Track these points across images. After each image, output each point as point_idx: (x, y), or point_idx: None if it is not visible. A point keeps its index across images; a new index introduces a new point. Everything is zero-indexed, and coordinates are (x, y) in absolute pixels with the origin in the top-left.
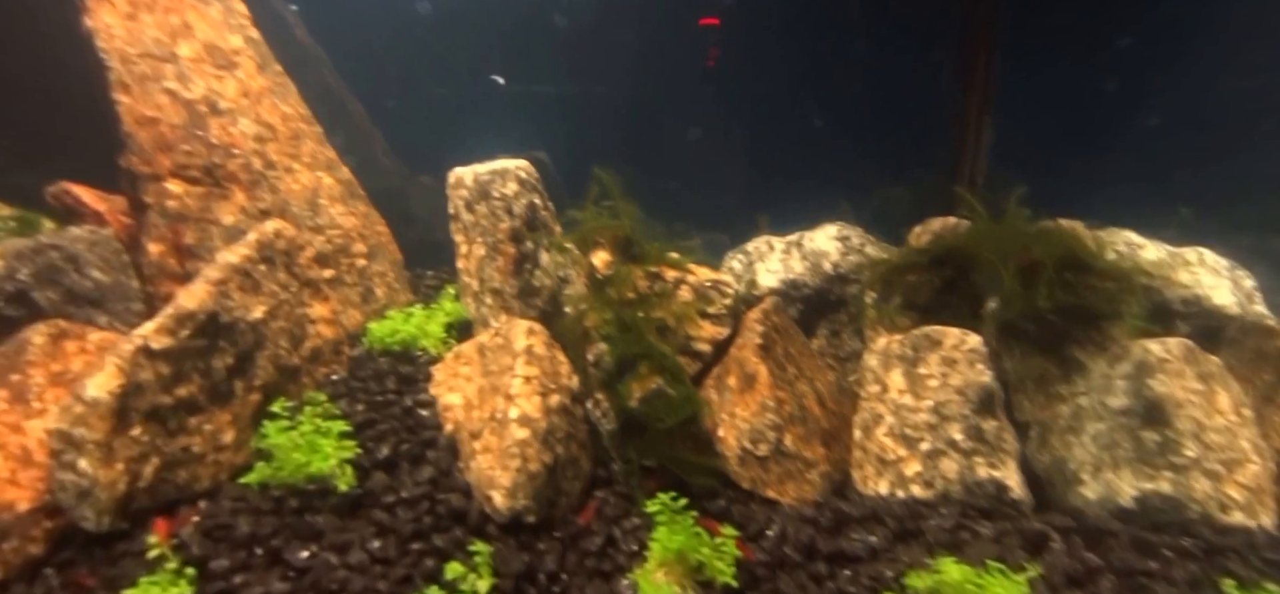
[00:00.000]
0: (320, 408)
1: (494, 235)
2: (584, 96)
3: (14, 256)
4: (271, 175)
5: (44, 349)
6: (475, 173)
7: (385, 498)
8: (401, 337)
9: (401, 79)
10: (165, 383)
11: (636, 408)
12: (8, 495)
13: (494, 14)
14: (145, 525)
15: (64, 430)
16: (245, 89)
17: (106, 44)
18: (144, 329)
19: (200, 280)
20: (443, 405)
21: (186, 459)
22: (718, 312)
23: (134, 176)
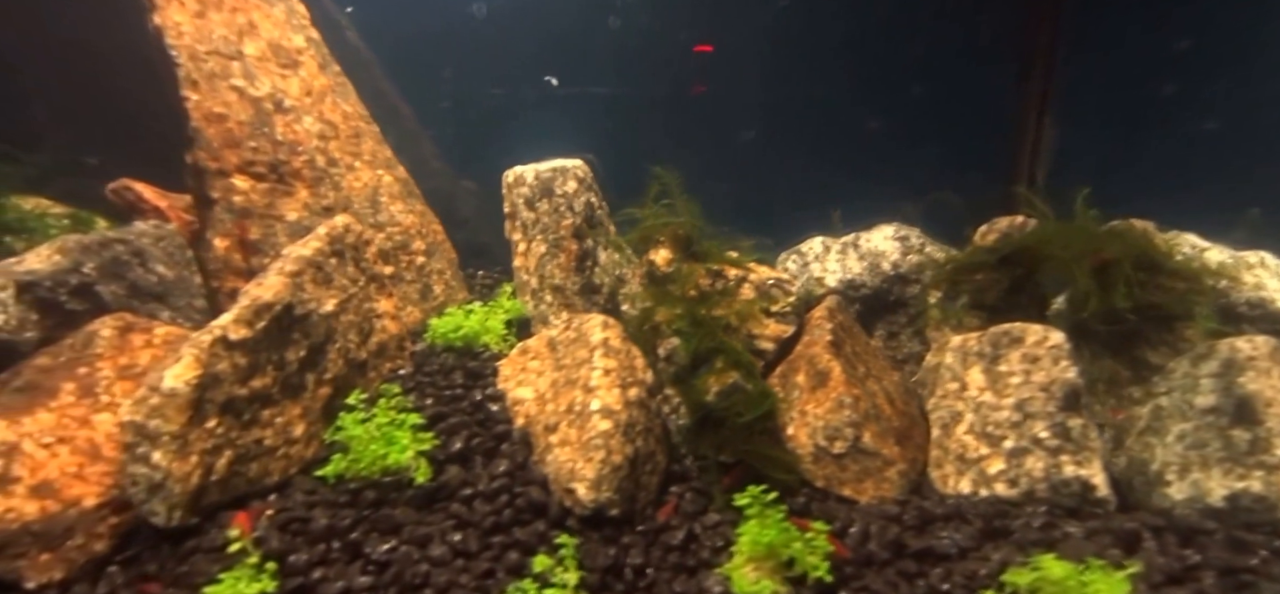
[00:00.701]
0: (394, 400)
1: (555, 232)
2: (633, 98)
3: (80, 250)
4: (334, 172)
5: (111, 342)
6: (537, 170)
7: (462, 491)
8: (464, 333)
9: (455, 81)
10: (241, 374)
11: (712, 403)
12: (74, 490)
13: (546, 15)
14: (215, 521)
15: (138, 422)
16: (308, 87)
17: (176, 41)
18: (222, 319)
19: (275, 272)
20: (512, 399)
21: (258, 452)
22: (781, 309)
23: (201, 172)
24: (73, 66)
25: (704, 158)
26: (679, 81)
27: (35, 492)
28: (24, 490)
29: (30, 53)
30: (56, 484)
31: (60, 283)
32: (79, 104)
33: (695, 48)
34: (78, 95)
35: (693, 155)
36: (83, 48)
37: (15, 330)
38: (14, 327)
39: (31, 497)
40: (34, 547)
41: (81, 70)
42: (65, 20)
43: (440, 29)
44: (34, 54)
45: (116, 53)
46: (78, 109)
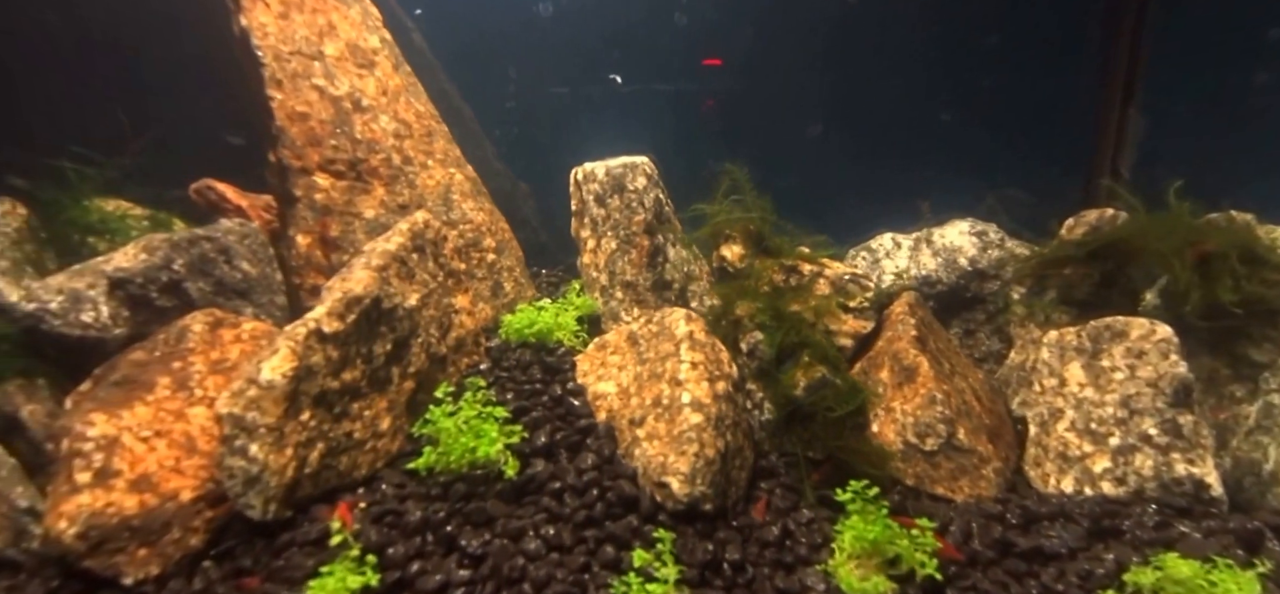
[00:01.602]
0: (480, 394)
1: (627, 228)
2: (696, 94)
3: (170, 247)
4: (409, 171)
5: (203, 337)
6: (607, 166)
7: (551, 485)
8: (538, 328)
9: (519, 80)
10: (333, 367)
11: (800, 398)
12: (171, 484)
13: (611, 14)
14: (307, 515)
15: (236, 414)
16: (383, 87)
17: (261, 41)
18: (314, 312)
19: (361, 266)
20: (594, 394)
21: (348, 445)
22: (859, 305)
23: (285, 170)
24: (153, 71)
25: (767, 153)
26: (741, 76)
27: (135, 486)
28: (124, 484)
29: (112, 57)
30: (155, 478)
31: (151, 280)
32: (159, 107)
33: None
34: (159, 98)
35: (755, 151)
36: (162, 51)
37: (105, 327)
38: (105, 323)
39: (131, 491)
40: (132, 542)
41: (161, 74)
42: (148, 24)
43: (504, 29)
44: (116, 58)
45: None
46: (157, 112)
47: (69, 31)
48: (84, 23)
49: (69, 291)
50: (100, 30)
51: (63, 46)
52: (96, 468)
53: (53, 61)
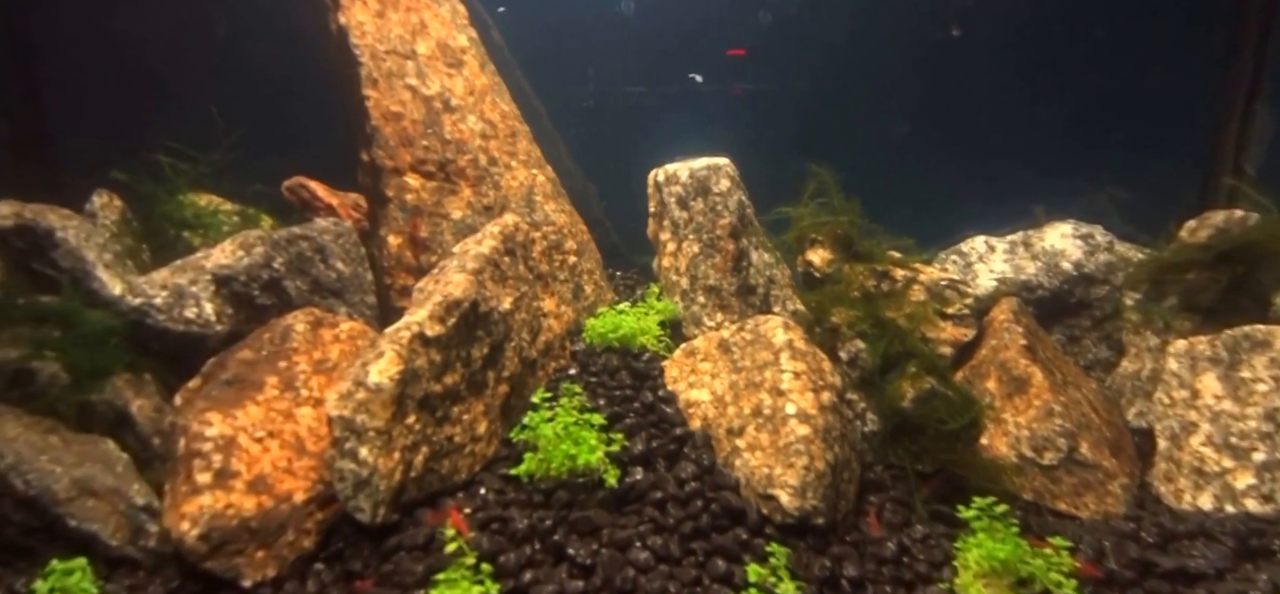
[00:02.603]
0: (576, 400)
1: (711, 232)
2: (780, 93)
3: (272, 245)
4: (494, 171)
5: (305, 337)
6: (691, 168)
7: (652, 494)
8: (623, 333)
9: (599, 79)
10: (436, 371)
11: (909, 409)
12: (285, 485)
13: (692, 11)
14: (412, 518)
15: (346, 417)
16: (471, 86)
17: (359, 40)
18: (417, 316)
19: (456, 269)
20: (686, 401)
21: (449, 450)
22: (957, 312)
23: (378, 170)
24: (243, 70)
25: (852, 154)
26: (822, 76)
27: (252, 487)
28: (242, 486)
29: (204, 58)
30: (270, 479)
31: (253, 278)
32: (249, 105)
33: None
34: (248, 97)
35: (839, 152)
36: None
37: (207, 323)
38: (207, 319)
39: (249, 492)
40: (251, 543)
41: (252, 73)
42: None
43: (582, 27)
44: (208, 59)
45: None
46: (247, 110)
47: (162, 29)
48: (175, 20)
49: (173, 287)
50: (191, 27)
51: (157, 43)
52: (216, 468)
53: (147, 57)
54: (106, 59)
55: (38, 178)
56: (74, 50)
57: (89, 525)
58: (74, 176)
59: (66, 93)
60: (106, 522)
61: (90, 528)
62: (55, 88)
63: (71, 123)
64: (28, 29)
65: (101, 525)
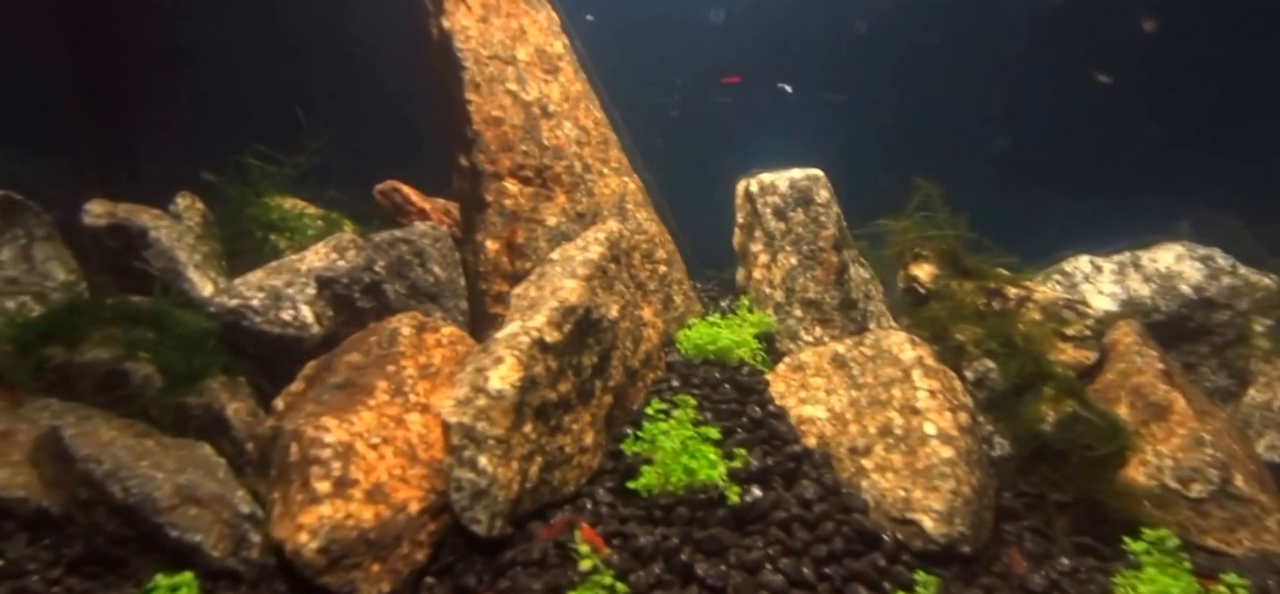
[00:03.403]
0: (690, 412)
1: (812, 244)
2: (873, 104)
3: (373, 249)
4: (588, 178)
5: (411, 341)
6: (790, 178)
7: (774, 514)
8: (720, 345)
9: (686, 88)
10: (551, 378)
11: (1049, 434)
12: (400, 494)
13: (784, 21)
14: (524, 532)
15: (466, 424)
16: (566, 93)
17: (463, 45)
18: (535, 321)
19: (567, 275)
20: (798, 417)
21: (560, 460)
22: (1078, 334)
23: (478, 175)
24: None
25: (944, 168)
26: (916, 87)
27: (370, 496)
28: (361, 495)
29: (297, 61)
30: (386, 488)
31: (355, 280)
32: (336, 108)
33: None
34: (337, 101)
35: (931, 166)
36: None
37: (304, 326)
38: (304, 322)
39: (367, 502)
40: (368, 556)
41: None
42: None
43: (669, 35)
44: (301, 61)
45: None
46: (333, 114)
47: (249, 32)
48: (260, 24)
49: (269, 289)
50: (274, 32)
51: (243, 46)
52: (335, 477)
53: (233, 60)
54: (187, 59)
55: (121, 178)
56: (154, 49)
57: (191, 536)
58: (156, 177)
59: (148, 92)
60: (209, 531)
61: (192, 538)
62: (137, 86)
63: (152, 122)
64: (110, 29)
65: (204, 536)
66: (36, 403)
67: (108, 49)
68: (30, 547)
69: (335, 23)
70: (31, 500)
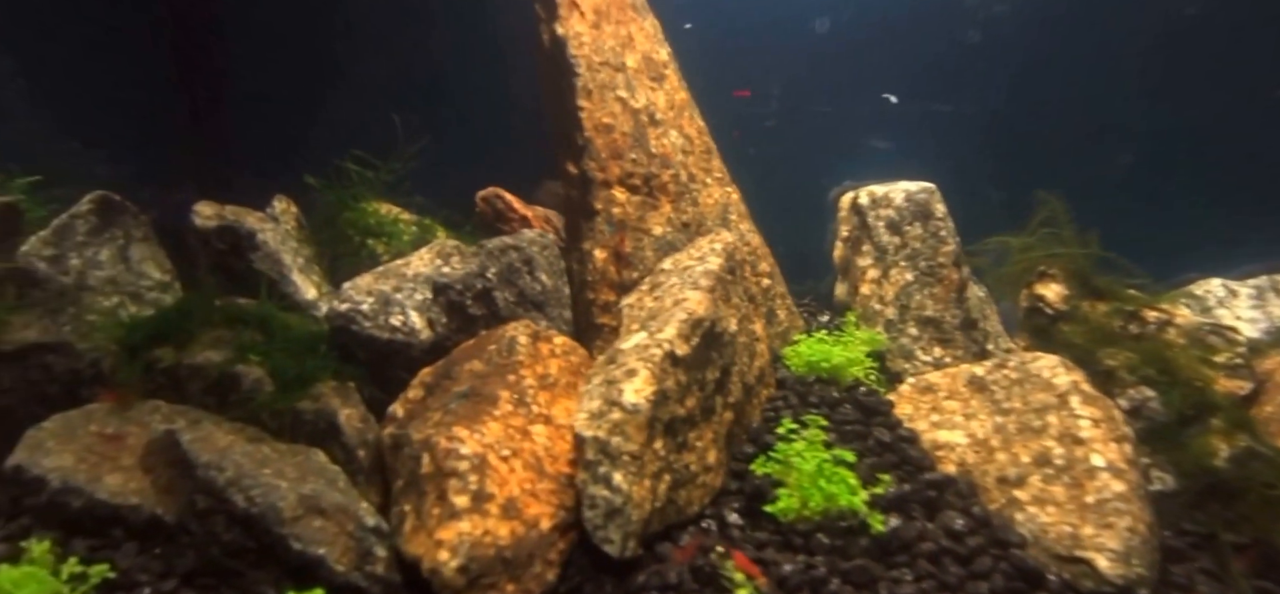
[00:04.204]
0: (820, 433)
1: (931, 259)
2: (984, 116)
3: (486, 255)
4: (693, 188)
5: (528, 350)
6: (907, 190)
7: (920, 545)
8: (834, 363)
9: (783, 98)
10: (681, 393)
11: (1223, 469)
12: (532, 510)
13: (891, 29)
14: (655, 553)
15: (600, 439)
16: (671, 101)
17: (576, 51)
18: (665, 334)
19: (690, 287)
20: (931, 441)
21: (686, 479)
22: (1228, 362)
23: (588, 182)
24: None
25: (1062, 184)
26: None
27: (505, 512)
28: (497, 510)
29: (388, 68)
30: (519, 503)
31: (468, 286)
32: (430, 116)
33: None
34: (430, 108)
35: (1049, 180)
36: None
37: (412, 332)
38: (413, 327)
39: (503, 518)
40: (504, 576)
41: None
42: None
43: (767, 44)
44: (393, 68)
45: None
46: (427, 121)
47: (349, 38)
48: (359, 30)
49: (378, 294)
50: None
51: (343, 51)
52: (472, 491)
53: (333, 66)
54: (284, 62)
55: (212, 178)
56: (253, 52)
57: (315, 548)
58: (249, 180)
59: (239, 92)
60: (334, 544)
61: (317, 551)
62: (229, 85)
63: (242, 123)
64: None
65: (329, 548)
66: (145, 405)
67: (201, 46)
68: (140, 556)
69: (418, 30)
70: (144, 508)
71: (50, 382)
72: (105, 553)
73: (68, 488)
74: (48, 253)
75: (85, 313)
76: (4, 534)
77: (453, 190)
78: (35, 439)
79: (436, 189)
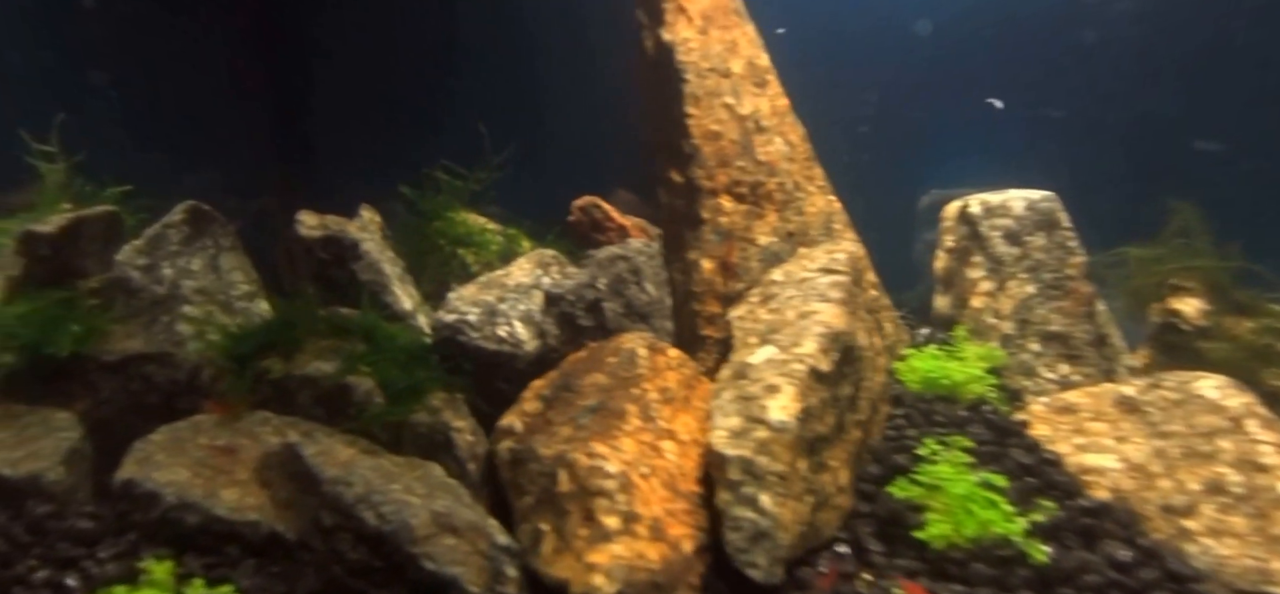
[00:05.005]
0: (963, 455)
1: (1058, 271)
2: (1099, 121)
3: (596, 265)
4: (798, 196)
5: (648, 363)
6: (1029, 199)
7: (1084, 577)
8: (952, 381)
9: (881, 104)
10: (821, 410)
11: None
12: (674, 531)
13: (998, 31)
14: (795, 580)
15: (746, 458)
16: (773, 107)
17: (685, 57)
18: (805, 348)
19: (820, 300)
20: (1078, 465)
21: (823, 500)
22: None
23: (695, 191)
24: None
25: (1184, 192)
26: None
27: (653, 533)
28: (646, 532)
29: (472, 79)
30: (662, 524)
31: (579, 297)
32: (511, 126)
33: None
34: (511, 118)
35: (1172, 188)
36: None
37: (518, 343)
38: (519, 340)
39: (652, 540)
40: None
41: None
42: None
43: (865, 49)
44: (476, 79)
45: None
46: (509, 131)
47: (433, 49)
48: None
49: (483, 304)
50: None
51: (427, 62)
52: (622, 511)
53: (415, 75)
54: (365, 72)
55: (298, 187)
56: (335, 61)
57: (448, 568)
58: (335, 189)
59: (329, 102)
60: (466, 564)
61: (450, 571)
62: (319, 96)
63: (328, 131)
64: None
65: (462, 569)
66: (254, 416)
67: (284, 56)
68: (259, 575)
69: (502, 42)
70: (263, 524)
71: (150, 392)
72: (221, 571)
73: (184, 503)
74: (141, 262)
75: (177, 322)
76: (113, 553)
77: (529, 200)
78: (143, 452)
79: (512, 199)
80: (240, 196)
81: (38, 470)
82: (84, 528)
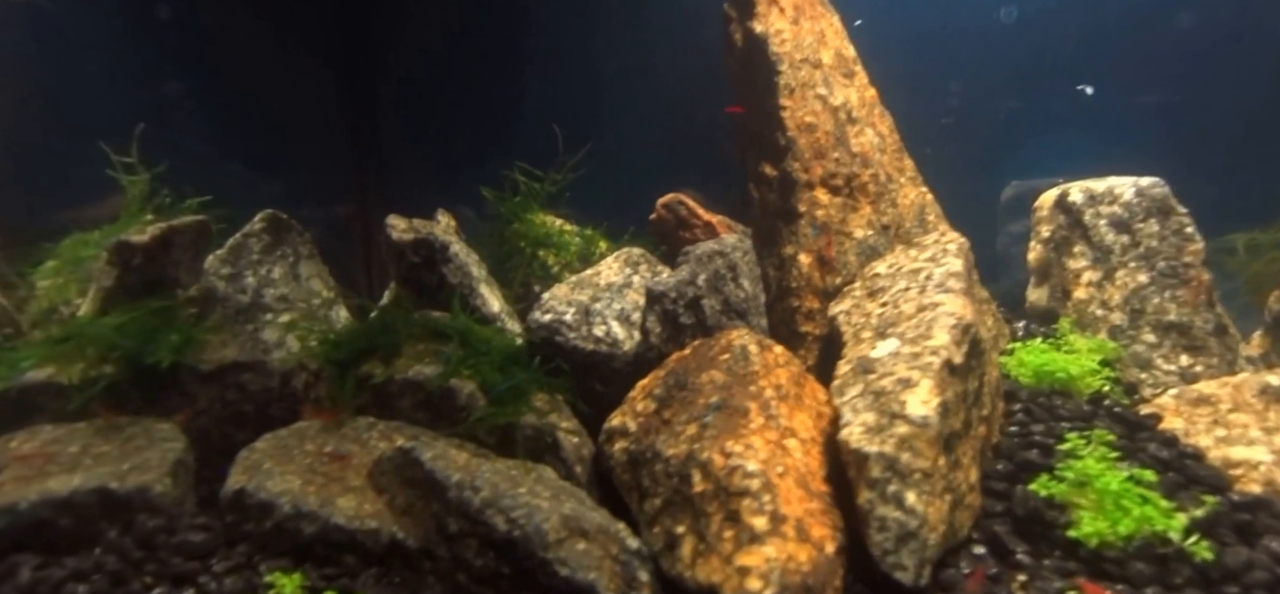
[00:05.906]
0: (1107, 448)
1: (1174, 259)
2: (1196, 106)
3: (696, 261)
4: (891, 188)
5: (760, 360)
6: (1138, 185)
7: (1251, 576)
8: (1068, 374)
9: (965, 93)
10: (956, 405)
11: None
12: (816, 532)
13: (1087, 17)
14: (939, 582)
15: (888, 455)
16: (862, 98)
17: (778, 48)
18: (936, 341)
19: (940, 291)
20: (1221, 458)
21: (958, 499)
22: None
23: (791, 184)
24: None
25: None
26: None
27: (799, 534)
28: (793, 532)
29: (546, 82)
30: (805, 525)
31: (681, 295)
32: (586, 127)
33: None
34: (585, 119)
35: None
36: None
37: (615, 343)
38: (616, 340)
39: (799, 540)
40: None
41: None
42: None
43: (948, 37)
44: (550, 82)
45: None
46: (584, 132)
47: (507, 52)
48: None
49: (577, 304)
50: (529, 51)
51: (501, 65)
52: (769, 511)
53: (490, 79)
54: (441, 76)
55: (372, 193)
56: (410, 66)
57: (583, 574)
58: (408, 196)
59: (405, 105)
60: (600, 569)
61: (585, 577)
62: (395, 102)
63: (410, 140)
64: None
65: (598, 573)
66: (358, 422)
67: (361, 62)
68: (380, 585)
69: (575, 45)
70: (383, 532)
71: (245, 401)
72: (341, 582)
73: (300, 513)
74: (225, 272)
75: (262, 330)
76: (228, 566)
77: (601, 201)
78: (251, 461)
79: (583, 201)
80: (315, 204)
81: (145, 483)
82: (195, 541)
